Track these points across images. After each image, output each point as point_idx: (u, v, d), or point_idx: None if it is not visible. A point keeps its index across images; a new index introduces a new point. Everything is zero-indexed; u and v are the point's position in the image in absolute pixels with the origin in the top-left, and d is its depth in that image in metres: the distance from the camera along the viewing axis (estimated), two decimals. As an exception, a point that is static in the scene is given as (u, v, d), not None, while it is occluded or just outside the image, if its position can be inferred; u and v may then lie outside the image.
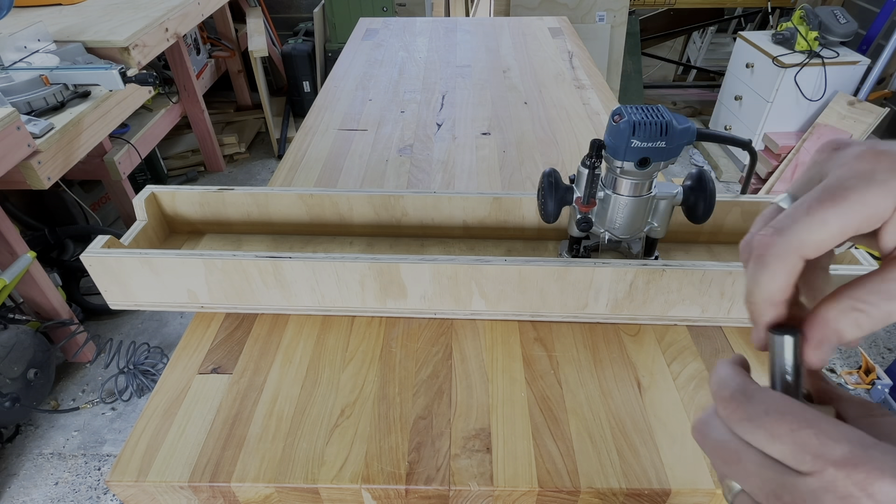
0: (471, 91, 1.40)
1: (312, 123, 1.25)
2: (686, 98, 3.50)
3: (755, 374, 0.26)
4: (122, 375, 1.79)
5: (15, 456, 1.63)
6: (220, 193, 0.83)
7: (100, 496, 1.54)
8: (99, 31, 1.90)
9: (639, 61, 3.03)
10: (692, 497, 0.55)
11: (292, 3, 3.38)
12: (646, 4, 3.05)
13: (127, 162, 2.11)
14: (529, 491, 0.55)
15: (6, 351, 1.53)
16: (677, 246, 0.84)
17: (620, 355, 0.69)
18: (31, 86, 1.59)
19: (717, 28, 3.56)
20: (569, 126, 1.21)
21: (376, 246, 0.86)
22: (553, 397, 0.64)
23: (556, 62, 1.55)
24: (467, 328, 0.73)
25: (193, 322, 0.75)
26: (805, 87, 2.48)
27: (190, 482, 0.56)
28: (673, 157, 0.63)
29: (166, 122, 2.46)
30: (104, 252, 0.69)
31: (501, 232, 0.86)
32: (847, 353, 1.89)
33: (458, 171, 1.06)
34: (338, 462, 0.57)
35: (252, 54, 2.73)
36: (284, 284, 0.70)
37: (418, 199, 0.83)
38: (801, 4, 2.58)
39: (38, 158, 1.47)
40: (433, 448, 0.59)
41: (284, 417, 0.62)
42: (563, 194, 0.70)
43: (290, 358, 0.69)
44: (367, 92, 1.40)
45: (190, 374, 0.68)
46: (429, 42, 1.74)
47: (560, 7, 2.67)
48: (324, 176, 1.05)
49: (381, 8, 2.99)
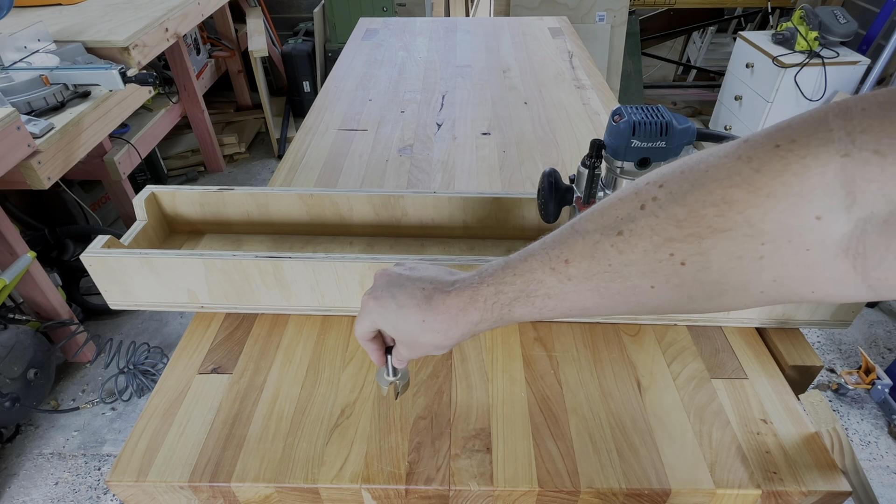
0: (471, 91, 1.40)
1: (312, 123, 1.25)
2: (686, 98, 3.50)
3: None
4: (122, 375, 1.79)
5: (15, 456, 1.63)
6: (220, 193, 0.83)
7: (100, 496, 1.54)
8: (99, 31, 1.90)
9: (639, 61, 3.03)
10: (692, 497, 0.55)
11: (292, 3, 3.38)
12: (646, 4, 3.05)
13: (127, 162, 2.11)
14: (529, 491, 0.55)
15: (6, 351, 1.53)
16: (677, 246, 0.84)
17: (620, 355, 0.69)
18: (31, 86, 1.59)
19: (717, 28, 3.56)
20: (569, 126, 1.21)
21: (376, 246, 0.86)
22: (553, 397, 0.64)
23: (556, 62, 1.55)
24: (467, 328, 0.73)
25: (193, 322, 0.75)
26: (805, 87, 2.48)
27: (190, 482, 0.56)
28: (673, 157, 0.63)
29: (166, 122, 2.46)
30: (104, 252, 0.69)
31: (501, 232, 0.86)
32: (847, 353, 1.89)
33: (458, 171, 1.06)
34: (338, 462, 0.57)
35: (252, 54, 2.72)
36: (284, 284, 0.70)
37: (418, 199, 0.83)
38: (801, 4, 2.58)
39: (38, 158, 1.47)
40: (433, 448, 0.59)
41: (284, 417, 0.62)
42: (563, 194, 0.70)
43: (290, 358, 0.69)
44: (367, 92, 1.40)
45: (190, 374, 0.68)
46: (429, 42, 1.74)
47: (560, 7, 2.67)
48: (324, 176, 1.05)
49: (381, 8, 2.99)
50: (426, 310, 0.43)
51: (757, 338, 0.71)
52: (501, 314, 0.41)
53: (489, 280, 0.41)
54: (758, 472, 0.56)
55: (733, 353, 0.69)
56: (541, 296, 0.39)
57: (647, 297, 0.36)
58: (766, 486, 0.55)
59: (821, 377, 1.77)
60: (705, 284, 0.33)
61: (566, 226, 0.39)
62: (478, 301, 0.42)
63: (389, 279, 0.47)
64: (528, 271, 0.39)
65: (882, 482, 1.53)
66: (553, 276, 0.38)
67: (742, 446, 0.58)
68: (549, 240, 0.39)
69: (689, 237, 0.32)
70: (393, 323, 0.46)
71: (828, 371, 1.83)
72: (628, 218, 0.35)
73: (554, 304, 0.39)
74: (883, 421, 1.67)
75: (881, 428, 1.66)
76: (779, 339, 0.70)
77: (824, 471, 0.56)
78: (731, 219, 0.31)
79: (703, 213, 0.31)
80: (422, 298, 0.44)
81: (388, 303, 0.45)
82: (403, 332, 0.46)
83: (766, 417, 0.61)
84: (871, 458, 1.59)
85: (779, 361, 0.68)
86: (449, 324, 0.43)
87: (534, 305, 0.39)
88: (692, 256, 0.32)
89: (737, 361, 0.68)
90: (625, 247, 0.35)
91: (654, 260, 0.34)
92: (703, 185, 0.32)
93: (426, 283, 0.45)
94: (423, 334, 0.44)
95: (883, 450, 1.60)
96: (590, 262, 0.36)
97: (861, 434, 1.64)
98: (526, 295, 0.39)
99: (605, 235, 0.36)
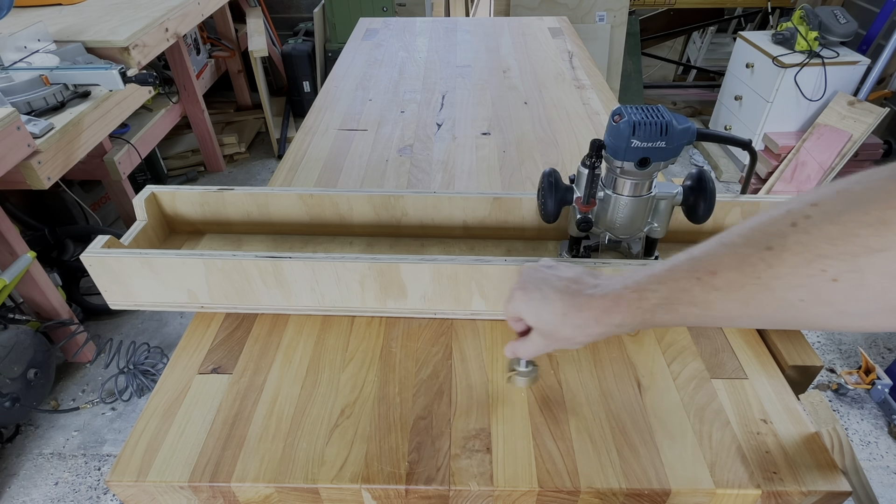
0: (471, 91, 1.40)
1: (312, 123, 1.25)
2: (686, 98, 3.50)
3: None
4: (122, 375, 1.79)
5: (15, 456, 1.63)
6: (220, 193, 0.83)
7: (100, 496, 1.54)
8: (99, 31, 1.90)
9: (639, 61, 3.03)
10: (692, 497, 0.55)
11: (292, 3, 3.38)
12: (646, 4, 3.05)
13: (127, 162, 2.11)
14: (529, 491, 0.55)
15: (6, 351, 1.53)
16: (677, 246, 0.84)
17: (620, 355, 0.69)
18: (31, 86, 1.59)
19: (717, 28, 3.56)
20: (569, 126, 1.21)
21: (376, 246, 0.86)
22: (553, 397, 0.64)
23: (556, 62, 1.55)
24: (467, 328, 0.73)
25: (193, 322, 0.75)
26: (805, 87, 2.48)
27: (190, 482, 0.56)
28: (673, 157, 0.63)
29: (166, 122, 2.46)
30: (104, 252, 0.69)
31: (501, 232, 0.86)
32: (847, 353, 1.89)
33: (458, 171, 1.06)
34: (338, 462, 0.57)
35: (252, 54, 2.72)
36: (284, 284, 0.70)
37: (418, 199, 0.83)
38: (801, 4, 2.58)
39: (38, 158, 1.47)
40: (433, 448, 0.59)
41: (284, 417, 0.62)
42: (563, 194, 0.70)
43: (290, 358, 0.69)
44: (367, 92, 1.40)
45: (190, 374, 0.68)
46: (429, 42, 1.74)
47: (560, 7, 2.67)
48: (324, 176, 1.05)
49: (381, 8, 2.99)
50: (569, 306, 0.48)
51: (757, 338, 0.71)
52: (644, 318, 0.44)
53: (633, 285, 0.44)
54: (758, 472, 0.56)
55: (733, 353, 0.69)
56: (685, 303, 0.41)
57: (795, 310, 0.37)
58: (766, 486, 0.55)
59: (821, 377, 1.77)
60: (861, 301, 0.34)
61: (712, 240, 0.41)
62: (621, 304, 0.45)
63: (536, 273, 0.53)
64: (672, 280, 0.42)
65: (882, 482, 1.53)
66: (698, 286, 0.40)
67: (742, 446, 0.58)
68: (695, 251, 0.42)
69: (843, 255, 0.33)
70: (536, 312, 0.51)
71: (828, 371, 1.83)
72: (779, 234, 0.36)
73: (698, 311, 0.41)
74: (883, 421, 1.67)
75: (881, 428, 1.66)
76: (779, 339, 0.70)
77: (824, 471, 0.56)
78: (889, 239, 0.32)
79: (858, 233, 0.32)
80: (566, 294, 0.49)
81: (533, 294, 0.51)
82: (544, 321, 0.50)
83: (767, 417, 0.61)
84: (871, 458, 1.59)
85: (779, 361, 0.68)
86: (590, 322, 0.47)
87: (677, 312, 0.42)
88: (846, 273, 0.33)
89: (737, 361, 0.68)
90: (774, 261, 0.36)
91: (805, 275, 0.35)
92: (859, 205, 0.33)
93: (571, 281, 0.50)
94: (563, 328, 0.49)
95: (883, 450, 1.60)
96: (737, 274, 0.38)
97: (861, 434, 1.64)
98: (669, 302, 0.42)
99: (755, 249, 0.37)
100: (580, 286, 0.49)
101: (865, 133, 2.34)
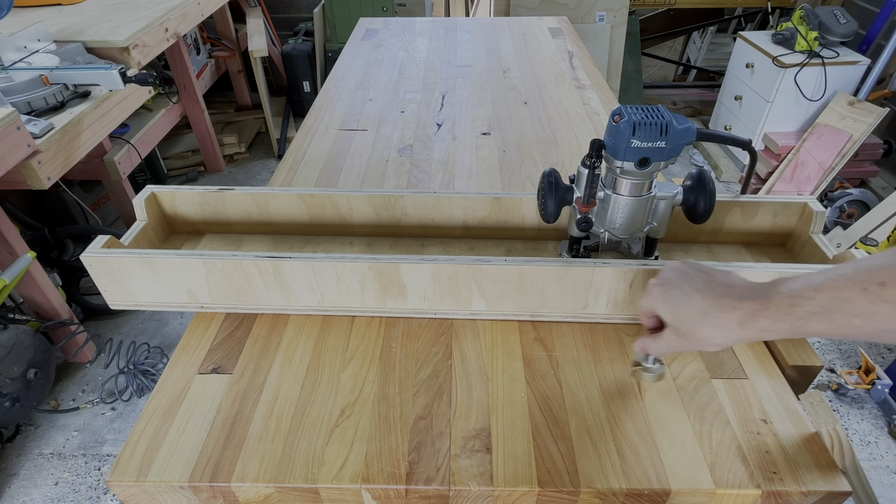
0: (471, 91, 1.40)
1: (312, 123, 1.25)
2: (686, 98, 3.50)
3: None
4: (122, 375, 1.79)
5: (15, 456, 1.63)
6: (220, 193, 0.83)
7: (100, 496, 1.54)
8: (99, 31, 1.90)
9: (639, 61, 3.03)
10: (692, 497, 0.55)
11: (292, 3, 3.38)
12: (646, 4, 3.05)
13: (127, 162, 2.11)
14: (529, 491, 0.55)
15: (6, 351, 1.53)
16: (677, 246, 0.84)
17: (620, 355, 0.69)
18: (31, 86, 1.59)
19: (717, 28, 3.56)
20: (569, 126, 1.21)
21: (376, 246, 0.86)
22: (553, 397, 0.64)
23: (556, 62, 1.55)
24: (467, 328, 0.73)
25: (193, 322, 0.75)
26: (805, 87, 2.48)
27: (190, 482, 0.56)
28: (673, 157, 0.63)
29: (166, 122, 2.46)
30: (104, 252, 0.69)
31: (501, 232, 0.86)
32: (847, 353, 1.89)
33: (458, 171, 1.06)
34: (338, 462, 0.57)
35: (252, 54, 2.72)
36: (284, 284, 0.70)
37: (418, 199, 0.83)
38: (801, 4, 2.58)
39: (38, 158, 1.47)
40: (433, 448, 0.59)
41: (284, 417, 0.62)
42: (563, 194, 0.70)
43: (290, 358, 0.69)
44: (367, 92, 1.40)
45: (190, 374, 0.68)
46: (429, 42, 1.74)
47: (560, 7, 2.67)
48: (324, 176, 1.05)
49: (381, 8, 2.99)
50: (713, 306, 0.48)
51: (757, 338, 0.71)
52: (794, 326, 0.43)
53: (787, 291, 0.43)
54: (758, 472, 0.56)
55: (733, 353, 0.69)
56: (844, 313, 0.40)
57: None
58: (766, 486, 0.55)
59: (821, 377, 1.77)
60: None
61: (886, 252, 0.41)
62: (769, 309, 0.44)
63: (679, 270, 0.53)
64: (834, 289, 0.41)
65: (882, 482, 1.53)
66: (864, 297, 0.39)
67: (742, 446, 0.58)
68: (863, 261, 0.41)
69: None
70: (674, 308, 0.51)
71: (828, 371, 1.83)
72: None
73: (859, 322, 0.40)
74: (883, 421, 1.67)
75: (881, 428, 1.66)
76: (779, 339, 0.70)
77: (824, 471, 0.56)
78: None
79: None
80: (710, 295, 0.48)
81: (673, 291, 0.51)
82: (681, 318, 0.50)
83: (767, 417, 0.61)
84: (871, 458, 1.59)
85: (779, 361, 0.68)
86: (733, 324, 0.46)
87: (834, 322, 0.41)
88: None
89: (737, 361, 0.68)
90: None
91: None
92: None
93: (716, 283, 0.50)
94: (701, 327, 0.48)
95: (883, 450, 1.60)
96: None
97: (861, 434, 1.64)
98: (826, 311, 0.41)
99: None
100: (726, 288, 0.48)
101: (865, 133, 2.34)
